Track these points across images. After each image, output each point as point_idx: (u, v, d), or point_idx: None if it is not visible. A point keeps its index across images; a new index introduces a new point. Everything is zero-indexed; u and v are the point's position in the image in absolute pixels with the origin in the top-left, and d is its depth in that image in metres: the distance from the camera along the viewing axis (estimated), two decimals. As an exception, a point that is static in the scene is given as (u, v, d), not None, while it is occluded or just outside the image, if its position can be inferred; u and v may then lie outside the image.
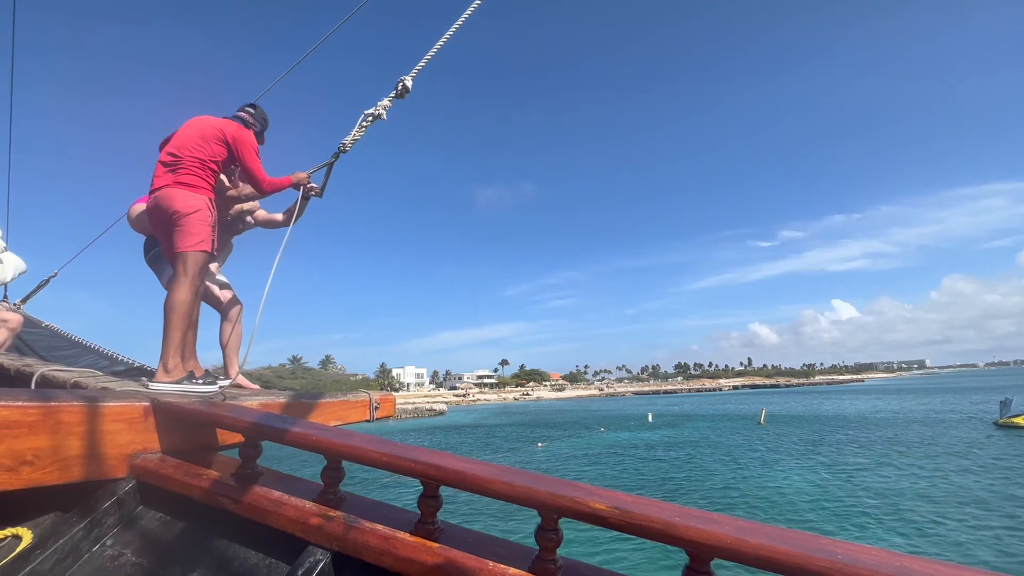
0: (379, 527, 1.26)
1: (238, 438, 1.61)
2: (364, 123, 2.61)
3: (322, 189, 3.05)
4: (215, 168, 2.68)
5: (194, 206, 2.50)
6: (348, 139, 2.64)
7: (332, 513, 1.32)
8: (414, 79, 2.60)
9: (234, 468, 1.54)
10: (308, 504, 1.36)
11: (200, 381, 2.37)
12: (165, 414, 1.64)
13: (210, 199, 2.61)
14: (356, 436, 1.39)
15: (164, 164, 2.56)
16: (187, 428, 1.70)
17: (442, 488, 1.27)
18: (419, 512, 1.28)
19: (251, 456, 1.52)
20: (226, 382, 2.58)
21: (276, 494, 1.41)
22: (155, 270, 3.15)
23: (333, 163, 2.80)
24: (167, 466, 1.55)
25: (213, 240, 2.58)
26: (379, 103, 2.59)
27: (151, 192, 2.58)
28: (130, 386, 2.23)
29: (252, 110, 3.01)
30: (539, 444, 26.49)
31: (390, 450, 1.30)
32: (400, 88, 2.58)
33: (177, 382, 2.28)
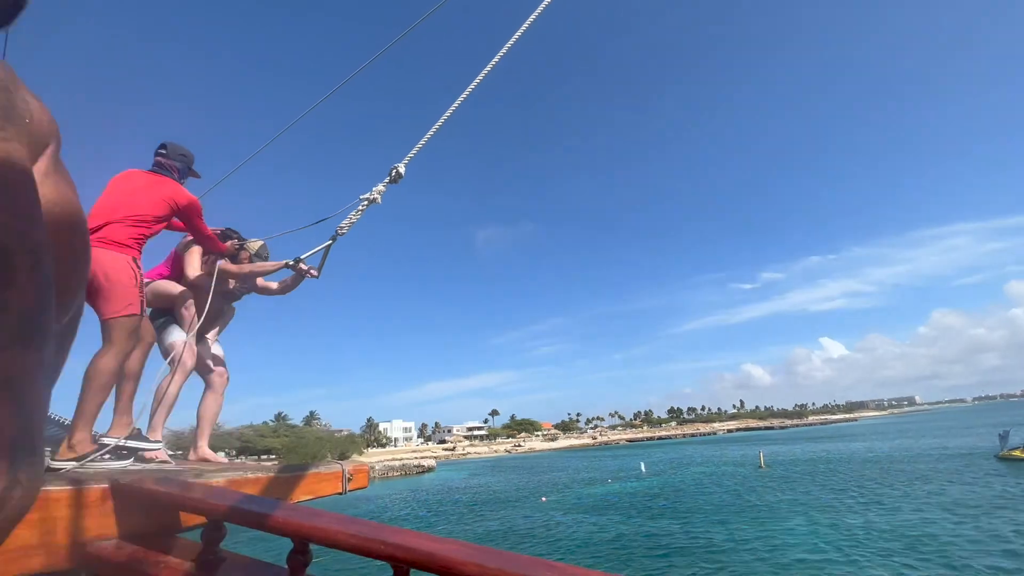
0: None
1: (201, 519, 1.54)
2: (360, 207, 2.68)
3: (319, 270, 3.15)
4: (147, 225, 2.55)
5: (118, 267, 2.36)
6: (345, 223, 2.70)
7: (296, 603, 1.25)
8: (407, 166, 2.71)
9: (195, 553, 1.45)
10: (272, 593, 1.29)
11: (108, 456, 2.22)
12: (124, 497, 1.56)
13: (135, 258, 2.47)
14: (323, 516, 1.34)
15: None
16: (146, 511, 1.61)
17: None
18: None
19: (213, 540, 1.44)
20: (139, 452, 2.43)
21: (238, 582, 1.33)
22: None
23: (330, 246, 2.86)
24: (123, 554, 1.46)
25: (142, 301, 2.44)
26: (374, 188, 2.67)
27: None
28: (91, 466, 2.13)
29: (164, 151, 2.81)
30: (542, 499, 26.75)
31: (358, 531, 1.25)
32: (394, 174, 2.68)
33: (79, 459, 2.11)
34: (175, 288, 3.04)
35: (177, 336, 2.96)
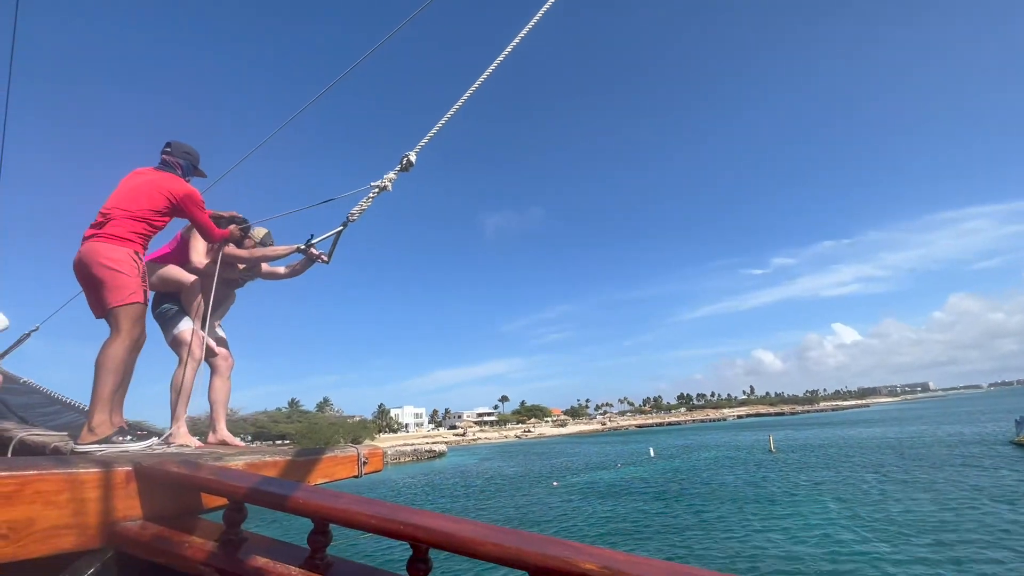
0: (366, 595, 1.22)
1: (223, 501, 1.57)
2: (371, 195, 2.65)
3: (329, 255, 3.14)
4: (148, 219, 2.62)
5: (118, 259, 2.45)
6: (356, 210, 2.67)
7: (317, 581, 1.27)
8: (418, 154, 2.65)
9: (217, 533, 1.49)
10: (293, 571, 1.31)
11: (130, 438, 2.29)
12: (148, 479, 1.60)
13: (136, 252, 2.56)
14: (343, 497, 1.36)
15: (92, 224, 2.53)
16: (170, 492, 1.65)
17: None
18: None
19: (235, 521, 1.47)
20: (148, 440, 2.47)
21: (261, 561, 1.36)
22: (161, 326, 3.09)
23: (341, 232, 2.85)
24: (147, 534, 1.49)
25: (145, 290, 2.52)
26: (385, 176, 2.62)
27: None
28: (113, 448, 2.19)
29: (169, 149, 2.91)
30: (554, 483, 27.15)
31: (377, 511, 1.27)
32: (405, 163, 2.63)
33: (102, 441, 2.19)
34: (182, 275, 3.06)
35: (185, 325, 2.99)
